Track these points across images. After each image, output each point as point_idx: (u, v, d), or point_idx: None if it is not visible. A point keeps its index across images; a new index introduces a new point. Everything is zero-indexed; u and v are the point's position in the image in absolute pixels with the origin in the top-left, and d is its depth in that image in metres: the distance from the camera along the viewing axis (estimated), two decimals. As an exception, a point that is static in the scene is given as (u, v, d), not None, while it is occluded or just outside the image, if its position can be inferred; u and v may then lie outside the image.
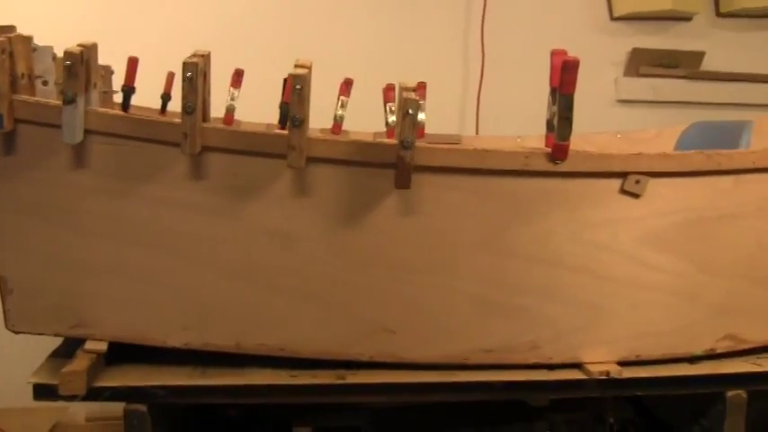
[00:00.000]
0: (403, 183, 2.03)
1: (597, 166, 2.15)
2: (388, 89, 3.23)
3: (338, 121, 3.25)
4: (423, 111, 3.21)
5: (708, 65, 4.42)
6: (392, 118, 3.17)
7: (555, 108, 2.08)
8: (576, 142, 3.07)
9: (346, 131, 3.28)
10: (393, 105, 3.18)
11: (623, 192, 2.18)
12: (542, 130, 2.31)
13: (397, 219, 2.11)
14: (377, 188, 2.09)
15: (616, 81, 4.32)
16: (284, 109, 3.01)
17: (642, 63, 4.31)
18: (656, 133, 3.40)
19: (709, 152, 2.26)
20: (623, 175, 2.17)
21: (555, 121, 2.08)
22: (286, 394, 2.19)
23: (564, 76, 2.03)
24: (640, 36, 4.35)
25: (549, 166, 2.11)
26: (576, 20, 4.27)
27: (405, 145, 2.00)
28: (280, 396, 2.19)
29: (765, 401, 2.46)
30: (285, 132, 2.02)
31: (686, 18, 4.41)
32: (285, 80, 3.02)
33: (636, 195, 2.19)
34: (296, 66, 2.02)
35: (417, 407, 2.50)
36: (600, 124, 3.65)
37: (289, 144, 2.00)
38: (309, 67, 2.04)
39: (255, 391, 2.18)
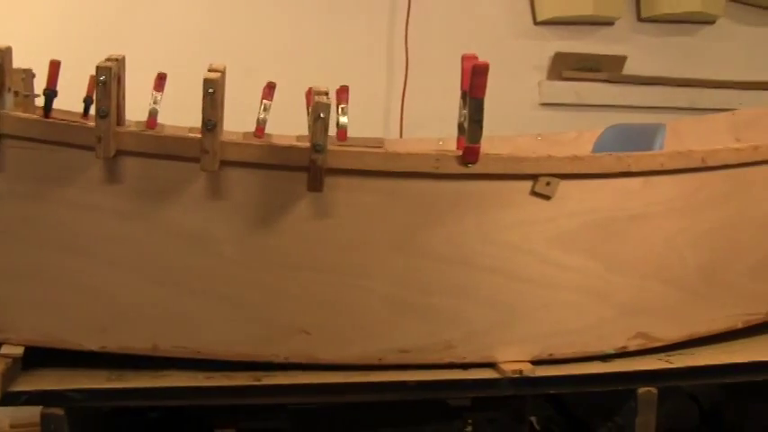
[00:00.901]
0: (315, 186, 2.05)
1: (508, 169, 2.19)
2: (311, 93, 3.24)
3: (261, 125, 3.26)
4: (345, 114, 3.24)
5: (629, 69, 4.50)
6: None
7: (466, 111, 2.12)
8: (498, 144, 3.13)
9: (269, 135, 3.30)
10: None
11: (534, 193, 2.22)
12: (465, 133, 2.34)
13: (311, 221, 2.13)
14: (290, 191, 2.10)
15: (539, 84, 4.38)
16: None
17: (565, 67, 4.38)
18: (575, 135, 3.46)
19: (619, 154, 2.31)
20: (534, 177, 2.21)
21: (466, 125, 2.12)
22: (202, 396, 2.19)
23: (474, 80, 2.07)
24: (563, 40, 4.42)
25: (461, 169, 2.14)
26: (500, 24, 4.33)
27: (317, 148, 2.02)
28: (195, 398, 2.20)
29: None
30: (199, 136, 2.03)
31: (608, 23, 4.49)
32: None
33: (547, 197, 2.23)
34: (209, 70, 2.04)
35: (338, 407, 2.51)
36: (524, 127, 3.71)
37: (202, 148, 2.01)
38: (223, 72, 2.06)
39: (171, 394, 2.18)
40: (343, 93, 3.28)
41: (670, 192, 2.37)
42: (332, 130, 3.19)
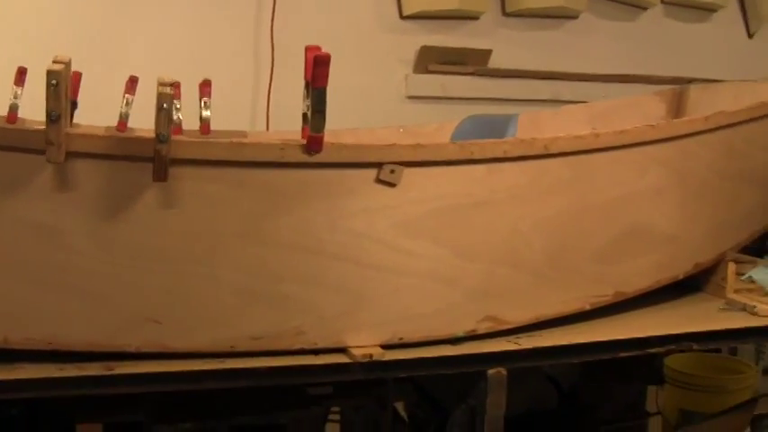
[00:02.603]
0: (160, 176, 2.07)
1: (352, 157, 2.23)
2: (173, 87, 3.24)
3: (123, 119, 3.26)
4: (208, 108, 3.26)
5: (495, 62, 4.58)
6: (177, 115, 3.20)
7: (309, 101, 2.16)
8: (362, 136, 3.17)
9: (132, 128, 3.30)
10: (177, 102, 3.21)
11: (379, 181, 2.27)
12: (336, 123, 2.39)
13: (158, 211, 2.14)
14: (137, 181, 2.11)
15: (406, 78, 4.43)
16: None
17: (431, 60, 4.44)
18: (437, 127, 3.52)
19: (462, 142, 2.38)
20: (378, 165, 2.26)
21: (309, 114, 2.16)
22: (54, 387, 2.18)
23: (316, 70, 2.11)
24: (429, 34, 4.47)
25: (305, 158, 2.18)
26: (366, 18, 4.37)
27: (161, 139, 2.04)
28: (48, 389, 2.19)
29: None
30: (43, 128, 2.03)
31: (473, 17, 4.56)
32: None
33: (392, 184, 2.27)
34: (53, 62, 2.04)
35: (195, 395, 2.53)
36: (391, 120, 3.76)
37: (46, 139, 2.01)
38: (67, 63, 2.07)
39: (24, 386, 2.16)
40: (205, 86, 3.29)
41: (514, 179, 2.44)
42: (197, 124, 3.24)
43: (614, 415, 3.64)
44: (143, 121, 2.91)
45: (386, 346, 2.38)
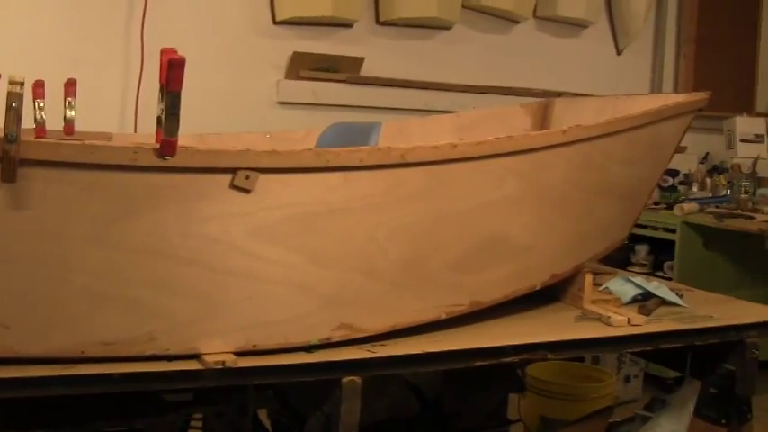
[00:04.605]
0: (9, 176, 2.03)
1: (207, 162, 2.22)
2: (37, 86, 3.21)
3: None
4: (73, 108, 3.22)
5: (367, 70, 4.62)
6: (40, 114, 3.15)
7: (163, 105, 2.15)
8: (227, 141, 3.16)
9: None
10: (41, 102, 3.16)
11: (234, 187, 2.26)
12: (204, 127, 2.35)
13: (6, 212, 2.09)
14: (-16, 182, 2.08)
15: (278, 83, 4.45)
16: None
17: (303, 67, 4.46)
18: (304, 133, 3.52)
19: (318, 150, 2.39)
20: (233, 170, 2.25)
21: (163, 118, 2.14)
22: None
23: (170, 73, 2.10)
24: (302, 40, 4.50)
25: (158, 162, 2.15)
26: (239, 22, 4.38)
27: (9, 138, 2.00)
28: None
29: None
30: None
31: (347, 24, 4.60)
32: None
33: (246, 190, 2.27)
34: None
35: (46, 402, 2.49)
36: (261, 125, 3.76)
37: None
38: None
39: None
40: (70, 86, 3.25)
41: (370, 187, 2.45)
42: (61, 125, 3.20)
43: (476, 422, 3.69)
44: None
45: (239, 353, 2.37)
